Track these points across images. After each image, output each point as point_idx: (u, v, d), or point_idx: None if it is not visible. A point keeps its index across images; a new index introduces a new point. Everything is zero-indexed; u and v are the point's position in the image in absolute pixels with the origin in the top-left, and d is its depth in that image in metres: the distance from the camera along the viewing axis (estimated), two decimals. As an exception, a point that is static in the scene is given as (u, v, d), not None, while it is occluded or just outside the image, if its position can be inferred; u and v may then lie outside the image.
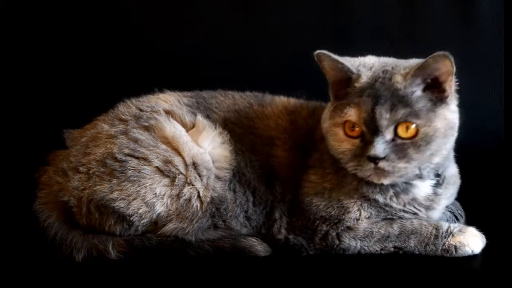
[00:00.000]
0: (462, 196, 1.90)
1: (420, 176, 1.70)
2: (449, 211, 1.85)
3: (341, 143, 1.67)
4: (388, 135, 1.60)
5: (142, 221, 1.73)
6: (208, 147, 1.79)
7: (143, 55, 2.51)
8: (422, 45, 1.78)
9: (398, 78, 1.63)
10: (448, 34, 2.44)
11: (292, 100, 1.94)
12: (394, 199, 1.72)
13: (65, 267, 1.70)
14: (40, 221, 1.77)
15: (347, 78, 1.67)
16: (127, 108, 1.86)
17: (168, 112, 1.83)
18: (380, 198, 1.71)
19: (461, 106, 1.73)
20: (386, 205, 1.72)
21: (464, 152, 1.88)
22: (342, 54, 1.73)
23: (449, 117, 1.65)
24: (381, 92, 1.61)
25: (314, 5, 2.52)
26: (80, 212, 1.74)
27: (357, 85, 1.65)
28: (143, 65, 2.49)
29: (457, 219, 1.85)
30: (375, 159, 1.59)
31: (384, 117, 1.59)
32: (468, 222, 1.84)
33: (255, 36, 2.53)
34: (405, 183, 1.71)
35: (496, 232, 1.76)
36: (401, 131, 1.60)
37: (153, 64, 2.49)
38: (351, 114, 1.63)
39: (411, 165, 1.62)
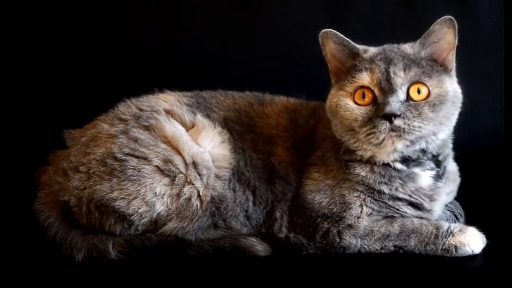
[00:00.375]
0: (462, 196, 1.91)
1: (424, 152, 1.71)
2: (448, 210, 1.86)
3: (352, 111, 1.68)
4: (402, 95, 1.63)
5: (142, 221, 1.73)
6: (208, 146, 1.79)
7: (143, 55, 2.51)
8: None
9: (406, 46, 1.72)
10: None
11: (292, 100, 1.96)
12: (400, 188, 1.72)
13: (65, 267, 1.70)
14: (40, 221, 1.77)
15: (352, 54, 1.72)
16: (127, 107, 1.86)
17: (168, 112, 1.83)
18: (385, 189, 1.72)
19: (461, 105, 1.74)
20: (391, 197, 1.72)
21: (464, 151, 1.88)
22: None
23: (455, 86, 1.71)
24: (392, 56, 1.67)
25: (314, 5, 2.52)
26: (80, 211, 1.74)
27: (365, 56, 1.70)
28: (143, 65, 2.49)
29: (457, 219, 1.86)
30: (391, 117, 1.60)
31: (398, 75, 1.63)
32: (468, 222, 1.84)
33: (255, 36, 2.53)
34: (407, 174, 1.72)
35: (496, 232, 1.76)
36: (413, 94, 1.64)
37: (153, 64, 2.49)
38: (364, 77, 1.66)
39: (425, 125, 1.63)
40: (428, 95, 1.64)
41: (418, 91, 1.64)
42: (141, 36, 2.53)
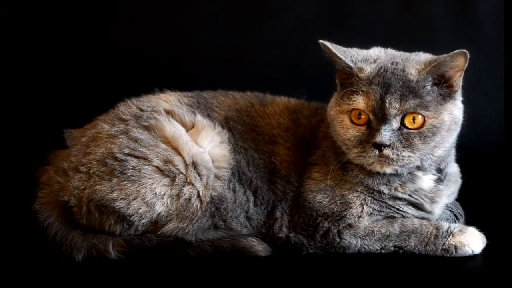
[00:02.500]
0: (462, 196, 1.91)
1: (420, 168, 1.71)
2: (449, 210, 1.86)
3: (347, 129, 1.68)
4: (395, 124, 1.62)
5: (142, 221, 1.73)
6: (207, 146, 1.79)
7: (143, 55, 2.51)
8: (422, 45, 1.79)
9: (412, 71, 1.65)
10: (448, 34, 2.44)
11: (293, 100, 1.95)
12: (400, 188, 1.72)
13: (65, 267, 1.70)
14: (40, 221, 1.77)
15: (347, 70, 1.69)
16: (127, 108, 1.86)
17: (168, 112, 1.83)
18: (385, 189, 1.72)
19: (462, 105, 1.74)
20: (390, 197, 1.72)
21: (464, 152, 1.88)
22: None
23: (455, 112, 1.68)
24: (391, 81, 1.63)
25: (314, 5, 2.52)
26: (80, 212, 1.74)
27: (361, 75, 1.67)
28: (144, 65, 2.49)
29: (457, 219, 1.86)
30: (380, 146, 1.61)
31: (393, 106, 1.61)
32: (468, 222, 1.84)
33: (256, 36, 2.53)
34: (409, 173, 1.72)
35: (496, 232, 1.76)
36: (408, 122, 1.63)
37: (154, 64, 2.49)
38: (359, 101, 1.65)
39: (415, 154, 1.64)
40: (423, 124, 1.63)
41: (413, 120, 1.63)
42: (141, 36, 2.53)
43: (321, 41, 1.70)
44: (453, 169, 1.84)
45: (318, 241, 1.75)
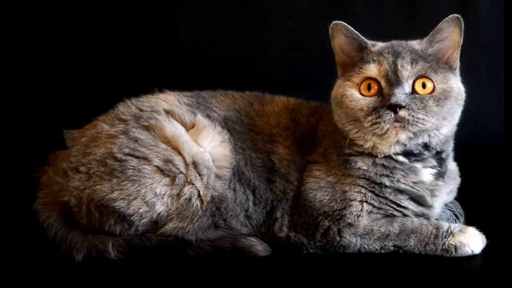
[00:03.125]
0: (462, 196, 1.91)
1: (427, 147, 1.72)
2: (449, 209, 1.86)
3: (357, 101, 1.70)
4: (408, 88, 1.66)
5: (142, 221, 1.73)
6: (208, 146, 1.79)
7: (143, 55, 2.51)
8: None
9: (413, 42, 1.76)
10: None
11: (292, 99, 1.96)
12: (402, 180, 1.73)
13: (65, 267, 1.70)
14: (40, 221, 1.77)
15: (360, 48, 1.75)
16: (127, 108, 1.86)
17: (168, 112, 1.83)
18: (387, 181, 1.72)
19: (464, 104, 1.75)
20: (392, 190, 1.73)
21: (464, 152, 1.89)
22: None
23: (459, 84, 1.74)
24: (400, 49, 1.71)
25: (314, 5, 2.52)
26: (80, 212, 1.74)
27: (373, 49, 1.73)
28: (143, 65, 2.49)
29: (457, 218, 1.86)
30: (396, 107, 1.63)
31: (405, 68, 1.66)
32: (468, 222, 1.84)
33: (255, 36, 2.53)
34: (409, 167, 1.73)
35: (496, 232, 1.76)
36: (418, 88, 1.67)
37: (153, 64, 2.50)
38: (371, 68, 1.69)
39: (429, 118, 1.66)
40: (433, 90, 1.67)
41: (423, 86, 1.67)
42: (141, 36, 2.53)
43: (335, 22, 1.74)
44: (452, 166, 1.85)
45: (318, 240, 1.75)
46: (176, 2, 2.54)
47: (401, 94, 1.64)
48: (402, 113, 1.63)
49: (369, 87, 1.69)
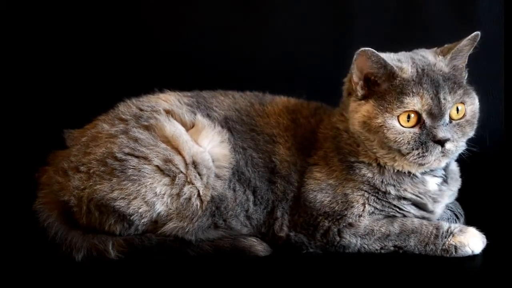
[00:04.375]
0: (462, 196, 1.90)
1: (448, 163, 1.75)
2: (449, 209, 1.86)
3: (401, 134, 1.66)
4: (447, 118, 1.66)
5: (142, 220, 1.73)
6: (208, 146, 1.79)
7: (143, 55, 2.51)
8: (422, 45, 1.79)
9: (440, 62, 1.70)
10: (448, 34, 2.43)
11: (293, 100, 1.95)
12: (409, 189, 1.73)
13: (65, 267, 1.70)
14: (40, 221, 1.77)
15: (389, 74, 1.67)
16: (127, 107, 1.86)
17: (168, 112, 1.83)
18: (392, 190, 1.72)
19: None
20: (395, 197, 1.73)
21: (464, 151, 1.88)
22: (342, 54, 1.72)
23: (476, 96, 1.74)
24: (436, 78, 1.66)
25: (314, 5, 2.52)
26: (80, 211, 1.74)
27: (404, 76, 1.67)
28: (144, 65, 2.49)
29: (458, 218, 1.86)
30: (444, 142, 1.63)
31: (448, 100, 1.64)
32: (468, 222, 1.84)
33: (256, 36, 2.53)
34: (421, 180, 1.74)
35: (496, 232, 1.76)
36: (453, 114, 1.67)
37: (154, 64, 2.49)
38: (415, 102, 1.64)
39: (464, 142, 1.69)
40: (465, 113, 1.68)
41: (457, 110, 1.67)
42: (141, 36, 2.53)
43: (364, 48, 1.64)
44: (454, 166, 1.85)
45: (318, 240, 1.75)
46: (176, 2, 2.54)
47: (444, 126, 1.64)
48: (449, 146, 1.65)
49: (408, 118, 1.65)
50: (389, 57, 1.71)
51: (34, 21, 2.50)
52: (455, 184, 1.84)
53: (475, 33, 1.68)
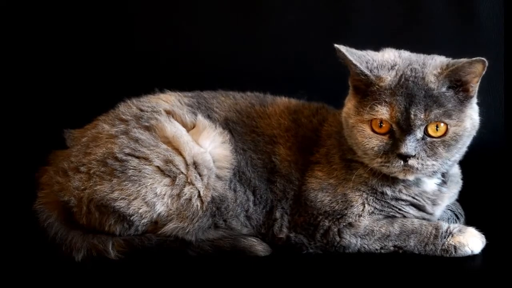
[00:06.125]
0: (462, 196, 1.90)
1: (435, 173, 1.71)
2: (449, 210, 1.86)
3: (369, 139, 1.66)
4: (419, 134, 1.61)
5: (143, 221, 1.73)
6: (209, 146, 1.79)
7: (143, 55, 2.51)
8: (422, 45, 1.79)
9: (431, 78, 1.62)
10: (448, 34, 2.44)
11: (294, 101, 1.95)
12: (404, 190, 1.73)
13: (65, 267, 1.70)
14: (40, 221, 1.77)
15: (366, 80, 1.66)
16: (127, 108, 1.86)
17: (168, 112, 1.83)
18: (388, 191, 1.72)
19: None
20: (393, 198, 1.73)
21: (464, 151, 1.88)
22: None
23: (474, 116, 1.67)
24: (414, 91, 1.61)
25: (314, 5, 2.52)
26: (80, 212, 1.74)
27: (382, 84, 1.64)
28: (144, 65, 2.49)
29: (458, 218, 1.86)
30: (406, 157, 1.61)
31: (418, 117, 1.59)
32: (468, 222, 1.84)
33: (257, 36, 2.53)
34: (414, 182, 1.72)
35: (496, 232, 1.76)
36: (431, 130, 1.62)
37: (154, 64, 2.49)
38: (384, 112, 1.62)
39: (438, 162, 1.64)
40: (446, 131, 1.62)
41: (437, 128, 1.62)
42: (141, 36, 2.53)
43: (336, 45, 1.65)
44: (455, 170, 1.84)
45: (318, 240, 1.75)
46: (176, 2, 2.54)
47: (411, 142, 1.59)
48: (411, 162, 1.61)
49: (380, 124, 1.64)
50: (373, 60, 1.67)
51: (34, 21, 2.49)
52: (456, 186, 1.84)
53: (478, 58, 1.58)
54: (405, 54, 1.73)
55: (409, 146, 1.59)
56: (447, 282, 1.59)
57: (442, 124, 1.61)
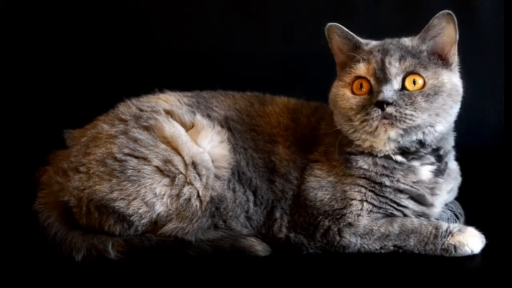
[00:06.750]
0: (462, 196, 1.91)
1: (422, 144, 1.71)
2: (449, 209, 1.86)
3: (348, 100, 1.71)
4: (396, 84, 1.66)
5: (142, 221, 1.73)
6: (207, 146, 1.79)
7: (143, 55, 2.51)
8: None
9: (406, 39, 1.75)
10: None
11: (293, 100, 1.96)
12: (402, 179, 1.73)
13: (65, 267, 1.70)
14: (40, 221, 1.77)
15: (355, 48, 1.76)
16: (127, 108, 1.86)
17: (168, 112, 1.83)
18: (387, 181, 1.72)
19: (462, 105, 1.75)
20: (392, 190, 1.72)
21: (464, 152, 1.88)
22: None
23: (454, 80, 1.72)
24: (390, 47, 1.71)
25: (315, 5, 2.52)
26: (80, 212, 1.74)
27: (365, 48, 1.74)
28: (144, 65, 2.49)
29: (458, 218, 1.86)
30: (383, 104, 1.63)
31: (393, 65, 1.66)
32: (468, 222, 1.84)
33: (256, 36, 2.53)
34: (408, 167, 1.72)
35: (496, 232, 1.76)
36: (408, 84, 1.66)
37: (154, 64, 2.50)
38: (361, 67, 1.70)
39: (418, 114, 1.64)
40: (423, 86, 1.67)
41: (414, 82, 1.66)
42: (141, 36, 2.53)
43: (330, 24, 1.76)
44: (453, 166, 1.85)
45: (318, 240, 1.75)
46: (176, 2, 2.54)
47: (388, 91, 1.64)
48: (389, 109, 1.63)
49: (360, 86, 1.70)
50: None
51: (34, 21, 2.50)
52: (454, 181, 1.84)
53: (444, 11, 1.68)
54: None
55: (386, 93, 1.63)
56: (447, 282, 1.59)
57: (419, 80, 1.66)
